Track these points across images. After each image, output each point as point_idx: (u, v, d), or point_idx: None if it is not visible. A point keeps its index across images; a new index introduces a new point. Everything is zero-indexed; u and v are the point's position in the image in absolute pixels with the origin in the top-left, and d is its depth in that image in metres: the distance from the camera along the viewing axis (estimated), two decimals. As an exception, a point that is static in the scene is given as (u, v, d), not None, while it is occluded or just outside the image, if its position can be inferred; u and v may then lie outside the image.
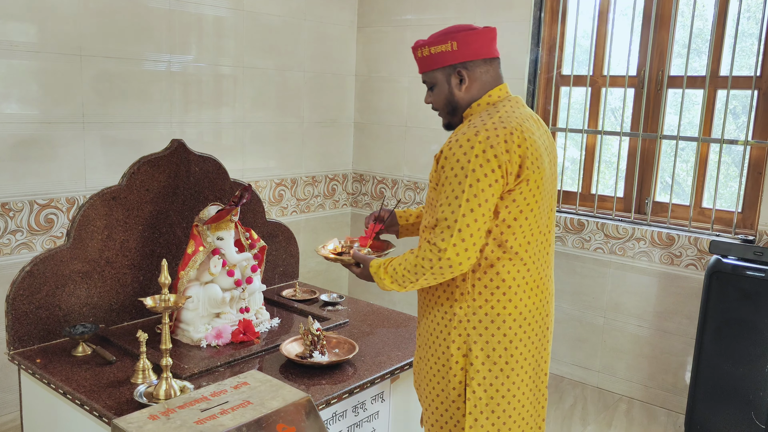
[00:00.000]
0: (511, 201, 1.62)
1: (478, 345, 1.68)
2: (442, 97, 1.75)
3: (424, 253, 1.62)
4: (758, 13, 3.21)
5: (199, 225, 2.18)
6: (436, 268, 1.60)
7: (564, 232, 3.68)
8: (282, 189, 4.05)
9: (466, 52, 1.68)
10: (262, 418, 1.45)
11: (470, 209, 1.56)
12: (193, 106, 3.50)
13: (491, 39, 1.72)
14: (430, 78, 1.75)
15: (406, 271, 1.66)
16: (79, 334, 2.06)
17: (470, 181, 1.56)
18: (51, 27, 2.90)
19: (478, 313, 1.67)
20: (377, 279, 1.75)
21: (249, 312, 2.30)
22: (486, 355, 1.68)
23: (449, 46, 1.67)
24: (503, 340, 1.68)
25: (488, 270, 1.66)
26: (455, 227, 1.57)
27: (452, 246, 1.57)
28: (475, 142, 1.57)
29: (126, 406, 1.74)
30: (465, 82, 1.70)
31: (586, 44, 3.66)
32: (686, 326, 3.33)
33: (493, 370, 1.69)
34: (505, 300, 1.67)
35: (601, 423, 3.28)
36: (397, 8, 4.19)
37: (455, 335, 1.69)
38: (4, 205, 2.86)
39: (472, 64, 1.70)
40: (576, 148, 3.79)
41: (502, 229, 1.64)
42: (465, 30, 1.68)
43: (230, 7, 3.58)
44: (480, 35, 1.69)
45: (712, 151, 3.35)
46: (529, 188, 1.63)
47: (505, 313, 1.67)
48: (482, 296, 1.67)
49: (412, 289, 1.71)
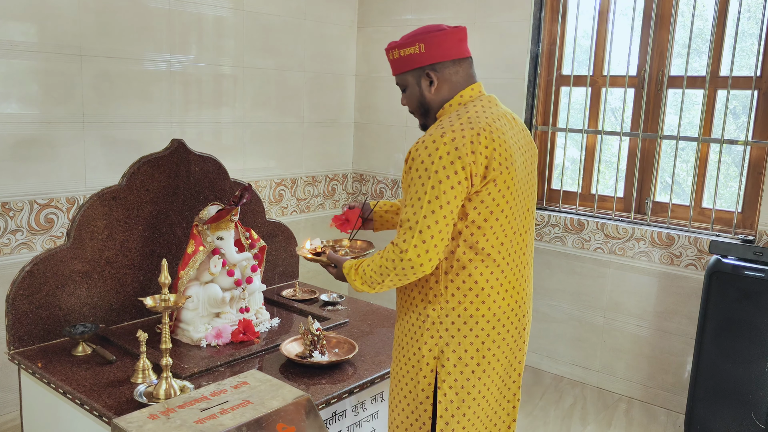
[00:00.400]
0: (479, 202, 1.61)
1: (450, 347, 1.67)
2: (415, 99, 1.74)
3: (387, 254, 1.62)
4: (758, 13, 3.21)
5: (199, 225, 2.18)
6: (399, 269, 1.60)
7: (564, 232, 3.68)
8: (282, 189, 4.05)
9: (434, 53, 1.66)
10: (262, 418, 1.46)
11: (432, 210, 1.56)
12: (193, 105, 3.50)
13: (460, 39, 1.70)
14: (402, 80, 1.75)
15: (373, 272, 1.66)
16: (79, 333, 2.06)
17: (433, 183, 1.55)
18: (51, 27, 2.90)
19: (451, 315, 1.66)
20: (349, 280, 1.74)
21: (249, 312, 2.30)
22: (458, 357, 1.67)
23: (417, 49, 1.66)
24: (475, 342, 1.67)
25: (460, 272, 1.65)
26: (416, 228, 1.56)
27: (413, 247, 1.57)
28: (440, 144, 1.56)
29: (126, 405, 1.74)
30: (434, 83, 1.69)
31: (587, 44, 3.66)
32: (686, 326, 3.33)
33: (465, 372, 1.68)
34: (478, 302, 1.66)
35: (601, 423, 3.28)
36: (397, 8, 4.19)
37: (427, 337, 1.69)
38: (4, 205, 2.86)
39: (440, 65, 1.68)
40: (576, 148, 3.80)
41: (473, 230, 1.62)
42: (432, 31, 1.67)
43: (230, 7, 3.58)
44: (448, 36, 1.67)
45: (712, 151, 3.35)
46: (498, 189, 1.61)
47: (478, 315, 1.66)
48: (455, 298, 1.66)
49: (381, 291, 1.70)
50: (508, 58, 3.77)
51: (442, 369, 1.68)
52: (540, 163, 3.87)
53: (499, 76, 3.81)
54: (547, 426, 3.21)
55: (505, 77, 3.79)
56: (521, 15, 3.69)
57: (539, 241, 3.76)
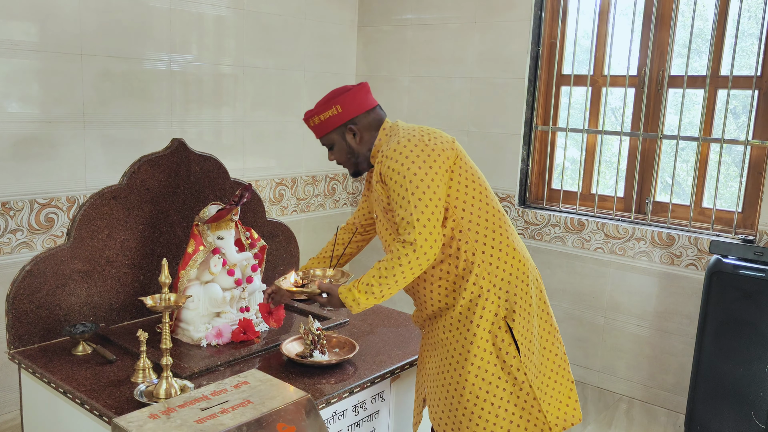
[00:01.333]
0: (461, 185, 1.82)
1: (509, 302, 1.82)
2: (344, 153, 1.95)
3: (398, 252, 1.75)
4: (758, 13, 3.21)
5: (200, 224, 2.18)
6: (414, 262, 1.73)
7: (564, 232, 3.68)
8: (282, 188, 4.05)
9: (350, 110, 1.89)
10: (262, 417, 1.46)
11: (419, 198, 1.73)
12: (194, 105, 3.50)
13: (366, 92, 1.93)
14: (327, 140, 1.95)
15: (383, 278, 1.76)
16: (80, 333, 2.06)
17: (410, 178, 1.73)
18: (52, 26, 2.90)
19: (496, 272, 1.82)
20: (349, 302, 1.80)
21: (249, 311, 2.30)
22: (519, 306, 1.84)
23: (334, 110, 1.89)
24: (526, 289, 1.85)
25: (488, 234, 1.83)
26: (414, 219, 1.73)
27: (419, 235, 1.72)
28: (400, 148, 1.77)
29: (126, 405, 1.74)
30: (357, 134, 1.91)
31: (587, 44, 3.66)
32: (686, 326, 3.33)
33: (527, 318, 1.85)
34: (511, 255, 1.85)
35: (601, 423, 3.28)
36: (397, 8, 4.19)
37: (485, 311, 1.80)
38: (5, 204, 2.86)
39: (357, 118, 1.90)
40: (576, 147, 3.80)
41: (467, 205, 1.82)
42: (343, 93, 1.90)
43: (230, 7, 3.58)
44: (357, 93, 1.90)
45: (713, 150, 3.35)
46: (460, 166, 1.83)
47: (519, 264, 1.85)
48: (494, 257, 1.83)
49: (389, 296, 1.80)
50: (508, 57, 3.77)
51: (513, 322, 1.81)
52: (540, 163, 3.87)
53: (500, 76, 3.81)
54: (548, 426, 3.21)
55: (506, 77, 3.79)
56: (521, 14, 3.69)
57: (539, 240, 3.77)
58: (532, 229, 3.79)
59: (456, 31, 3.93)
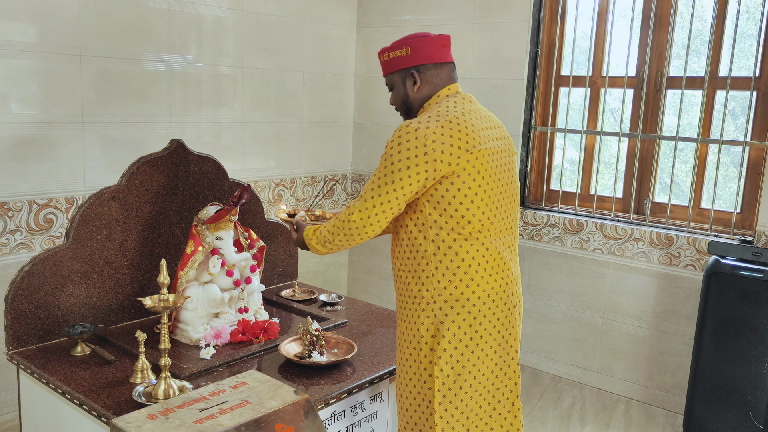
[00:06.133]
0: (450, 184, 1.72)
1: (444, 325, 1.77)
2: (399, 98, 1.92)
3: (340, 215, 1.83)
4: (757, 14, 3.21)
5: (198, 225, 2.18)
6: (346, 230, 1.80)
7: (563, 233, 3.68)
8: (281, 189, 4.05)
9: (418, 56, 1.85)
10: (260, 418, 1.46)
11: (386, 191, 1.72)
12: (193, 106, 3.50)
13: (444, 45, 1.88)
14: (390, 80, 1.93)
15: (327, 233, 1.86)
16: (78, 333, 2.06)
17: (392, 168, 1.71)
18: (51, 27, 2.90)
19: (443, 294, 1.77)
20: (306, 241, 1.92)
21: (248, 312, 2.30)
22: (452, 333, 1.77)
23: (404, 51, 1.85)
24: (468, 317, 1.77)
25: (447, 252, 1.76)
26: (367, 196, 1.75)
27: (358, 211, 1.76)
28: (406, 132, 1.72)
29: (125, 405, 1.74)
30: (417, 83, 1.86)
31: (586, 45, 3.66)
32: (685, 327, 3.33)
33: (459, 348, 1.78)
34: (467, 279, 1.76)
35: (600, 423, 3.28)
36: (396, 8, 4.19)
37: (424, 317, 1.79)
38: (3, 205, 2.86)
39: (423, 67, 1.85)
40: (575, 148, 3.80)
41: (451, 212, 1.74)
42: (419, 37, 1.85)
43: (230, 7, 3.59)
44: (432, 42, 1.85)
45: (711, 151, 3.35)
46: (468, 173, 1.72)
47: (468, 292, 1.77)
48: (445, 278, 1.76)
49: (331, 251, 1.88)
50: (507, 58, 3.78)
51: (438, 346, 1.77)
52: (539, 164, 3.87)
53: (498, 77, 3.81)
54: (546, 426, 3.22)
55: (504, 78, 3.79)
56: (520, 15, 3.69)
57: (538, 241, 3.77)
58: (531, 230, 3.79)
59: (455, 32, 3.93)
